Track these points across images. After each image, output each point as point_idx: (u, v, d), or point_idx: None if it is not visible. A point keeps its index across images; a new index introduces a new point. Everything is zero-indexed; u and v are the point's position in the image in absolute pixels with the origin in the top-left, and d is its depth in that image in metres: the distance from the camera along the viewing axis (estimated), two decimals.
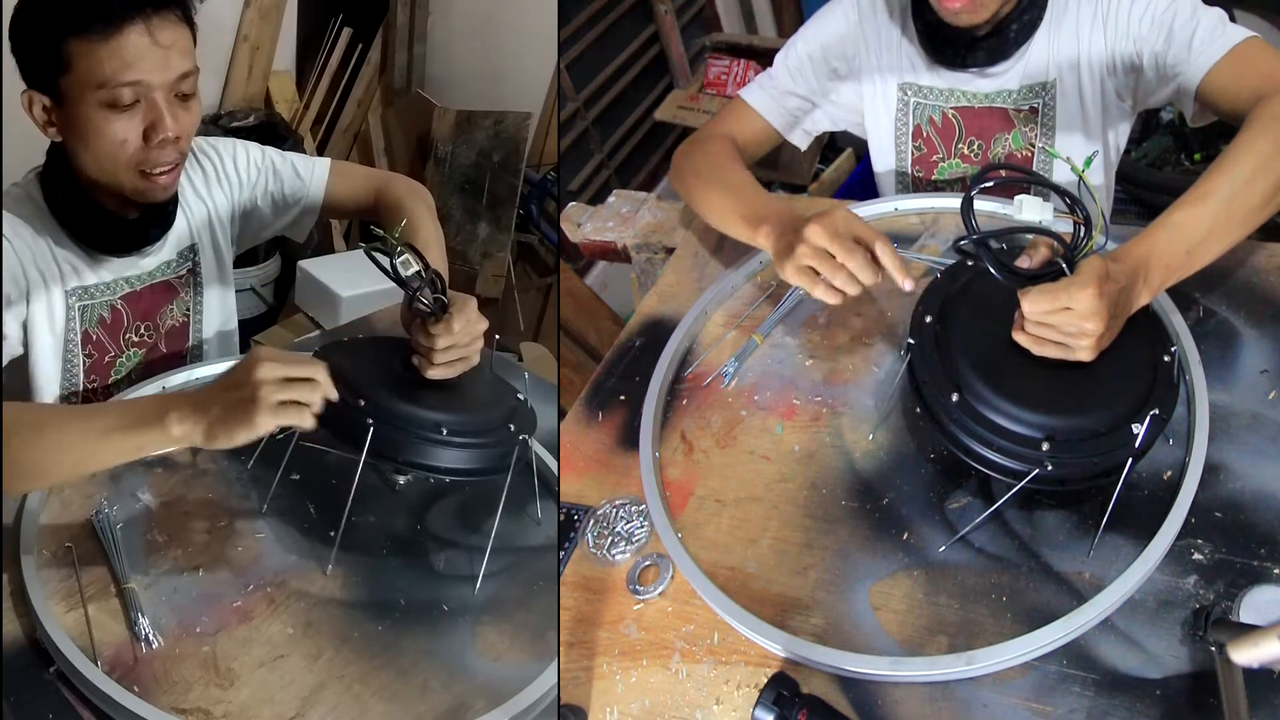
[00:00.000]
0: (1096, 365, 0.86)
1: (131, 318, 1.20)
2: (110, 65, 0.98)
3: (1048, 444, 0.82)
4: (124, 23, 0.98)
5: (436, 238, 1.24)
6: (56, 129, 1.05)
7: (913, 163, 1.37)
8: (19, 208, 1.10)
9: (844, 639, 0.83)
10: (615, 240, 1.50)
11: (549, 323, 2.70)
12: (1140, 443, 0.81)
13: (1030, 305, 0.84)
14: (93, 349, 1.18)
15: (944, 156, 1.35)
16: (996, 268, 0.86)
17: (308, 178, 1.32)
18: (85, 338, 1.17)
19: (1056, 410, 0.84)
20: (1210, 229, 0.91)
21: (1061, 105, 1.25)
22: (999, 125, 1.30)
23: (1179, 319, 0.98)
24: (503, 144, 2.66)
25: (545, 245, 2.73)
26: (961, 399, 0.86)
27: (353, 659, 0.86)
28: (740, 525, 0.95)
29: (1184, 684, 0.75)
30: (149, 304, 1.22)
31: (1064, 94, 1.24)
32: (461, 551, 1.00)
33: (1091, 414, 0.84)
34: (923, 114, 1.33)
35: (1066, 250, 0.86)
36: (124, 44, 0.98)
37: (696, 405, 1.08)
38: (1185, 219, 0.91)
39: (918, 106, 1.32)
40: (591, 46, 2.80)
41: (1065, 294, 0.83)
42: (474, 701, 0.84)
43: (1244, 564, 0.81)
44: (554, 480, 1.09)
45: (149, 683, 0.81)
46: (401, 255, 0.98)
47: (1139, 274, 0.88)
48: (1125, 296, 0.86)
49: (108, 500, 0.98)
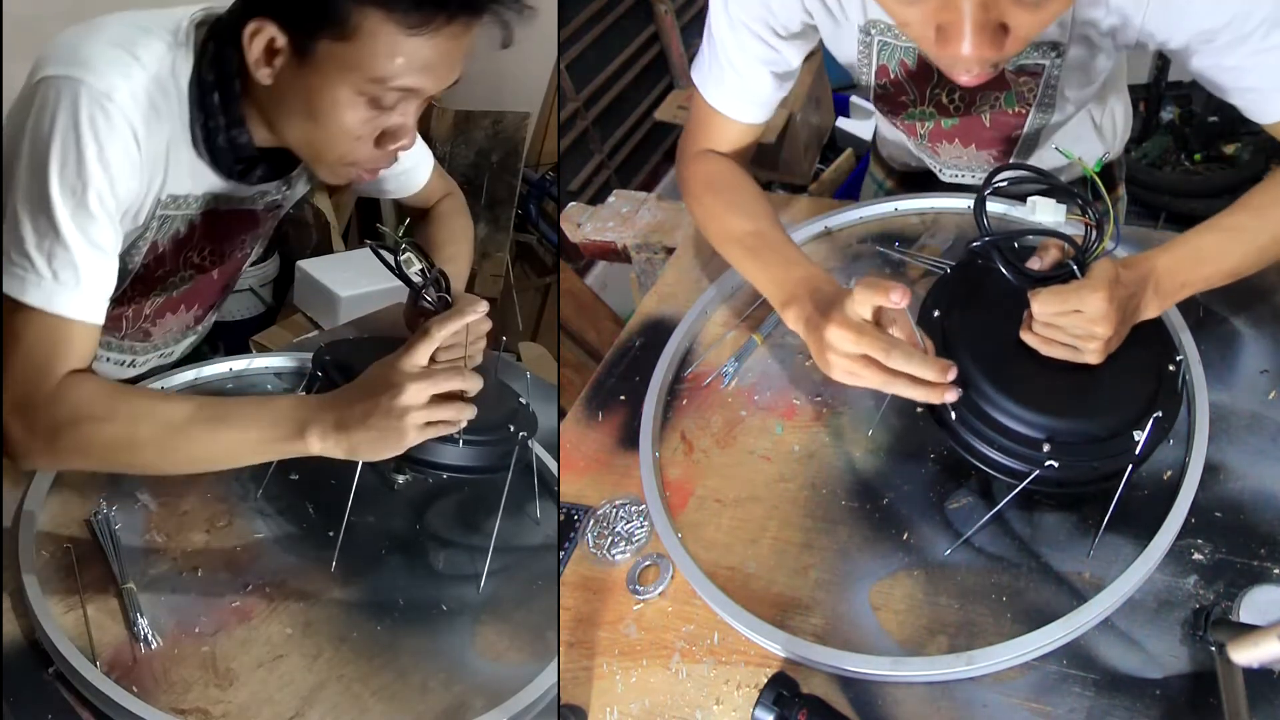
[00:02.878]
0: (1101, 370, 0.86)
1: (202, 238, 1.08)
2: (399, 64, 0.85)
3: (1048, 445, 0.82)
4: (448, 23, 0.84)
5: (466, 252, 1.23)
6: (271, 73, 0.88)
7: (875, 98, 1.21)
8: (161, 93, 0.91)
9: (844, 639, 0.83)
10: (615, 240, 1.50)
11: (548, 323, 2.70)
12: (1141, 449, 0.81)
13: (1040, 306, 0.84)
14: (152, 262, 1.05)
15: (915, 100, 1.17)
16: (1008, 269, 0.86)
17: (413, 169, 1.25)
18: (151, 248, 1.03)
19: (1058, 412, 0.84)
20: (1235, 268, 0.91)
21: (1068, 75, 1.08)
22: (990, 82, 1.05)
23: (1186, 334, 0.98)
24: (501, 144, 2.66)
25: (544, 245, 2.73)
26: (964, 395, 0.86)
27: (352, 659, 0.86)
28: (740, 525, 0.95)
29: (1184, 684, 0.75)
30: (224, 229, 1.09)
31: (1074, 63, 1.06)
32: (461, 551, 1.00)
33: (1094, 417, 0.84)
34: (890, 55, 1.12)
35: (1078, 252, 0.86)
36: (427, 46, 0.84)
37: (696, 405, 1.08)
38: (1212, 247, 0.90)
39: (884, 47, 1.11)
40: (591, 46, 2.79)
41: (1076, 296, 0.82)
42: (473, 701, 0.84)
43: (1244, 564, 0.81)
44: (554, 480, 1.09)
45: (148, 683, 0.81)
46: (405, 254, 0.98)
47: (1150, 284, 0.88)
48: (1134, 303, 0.86)
49: (106, 501, 0.98)
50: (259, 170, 1.01)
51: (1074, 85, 1.10)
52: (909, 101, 1.18)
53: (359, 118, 0.89)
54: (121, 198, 0.90)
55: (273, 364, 1.22)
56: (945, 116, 1.18)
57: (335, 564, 0.95)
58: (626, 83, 2.94)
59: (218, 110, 0.94)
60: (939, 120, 1.20)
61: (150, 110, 0.90)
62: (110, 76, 0.86)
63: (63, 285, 0.85)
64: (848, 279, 1.17)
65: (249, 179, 1.02)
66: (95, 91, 0.85)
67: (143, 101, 0.89)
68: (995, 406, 0.85)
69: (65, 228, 0.85)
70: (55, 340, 0.86)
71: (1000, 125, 1.18)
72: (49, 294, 0.85)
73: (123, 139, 0.87)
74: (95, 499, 0.98)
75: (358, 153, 0.92)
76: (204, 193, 1.02)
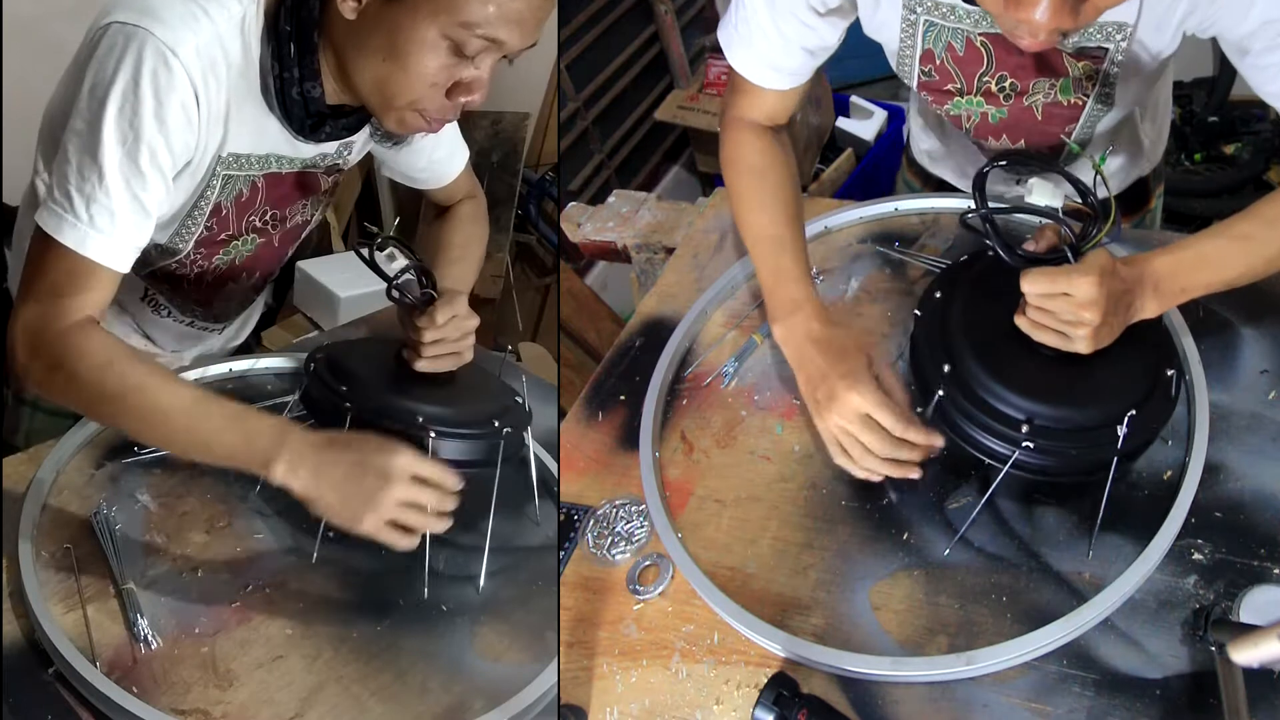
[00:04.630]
0: (1092, 363, 0.86)
1: (264, 200, 1.08)
2: (491, 12, 0.84)
3: (1027, 427, 0.83)
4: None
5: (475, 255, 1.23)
6: (357, 8, 0.87)
7: (920, 87, 1.13)
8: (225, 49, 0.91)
9: (844, 639, 0.83)
10: (615, 240, 1.50)
11: (548, 323, 2.70)
12: (1123, 444, 0.81)
13: (1029, 285, 0.85)
14: (216, 223, 1.06)
15: (963, 89, 1.10)
16: (1000, 246, 0.86)
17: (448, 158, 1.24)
18: (215, 210, 1.04)
19: (1040, 396, 0.85)
20: (1238, 276, 0.90)
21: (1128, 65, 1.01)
22: (1045, 68, 1.04)
23: (1189, 341, 0.97)
24: (501, 144, 2.66)
25: (544, 245, 2.73)
26: (953, 370, 0.87)
27: (351, 659, 0.86)
28: (740, 525, 0.95)
29: (1184, 684, 0.75)
30: (286, 191, 1.09)
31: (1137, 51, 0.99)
32: (460, 551, 1.00)
33: (1075, 406, 0.84)
34: (937, 38, 1.05)
35: (1074, 237, 0.86)
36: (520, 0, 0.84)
37: (696, 405, 1.08)
38: (1217, 254, 0.89)
39: (930, 28, 1.04)
40: (591, 46, 2.79)
41: (1066, 279, 0.83)
42: (473, 701, 0.84)
43: (1244, 564, 0.81)
44: (554, 480, 1.09)
45: (148, 684, 0.81)
46: (386, 249, 0.98)
47: (1149, 283, 0.87)
48: (1129, 299, 0.86)
49: (106, 501, 0.98)
50: (327, 127, 1.01)
51: (1132, 78, 1.05)
52: (956, 90, 1.11)
53: (439, 63, 0.88)
54: (177, 154, 0.91)
55: (273, 365, 1.22)
56: (994, 107, 1.12)
57: (333, 564, 0.95)
58: (626, 83, 2.94)
59: (293, 61, 0.93)
60: (986, 113, 1.13)
61: (214, 66, 0.90)
62: (178, 30, 0.86)
63: (98, 230, 0.88)
64: (848, 279, 1.17)
65: (317, 135, 1.02)
66: (161, 45, 0.85)
67: (206, 57, 0.89)
68: (981, 385, 0.86)
69: (110, 176, 0.87)
70: (79, 279, 0.89)
71: (1053, 118, 1.11)
72: (82, 236, 0.88)
73: (182, 96, 0.88)
74: (95, 499, 0.98)
75: (430, 100, 0.91)
76: (267, 153, 1.02)
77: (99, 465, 1.03)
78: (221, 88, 0.92)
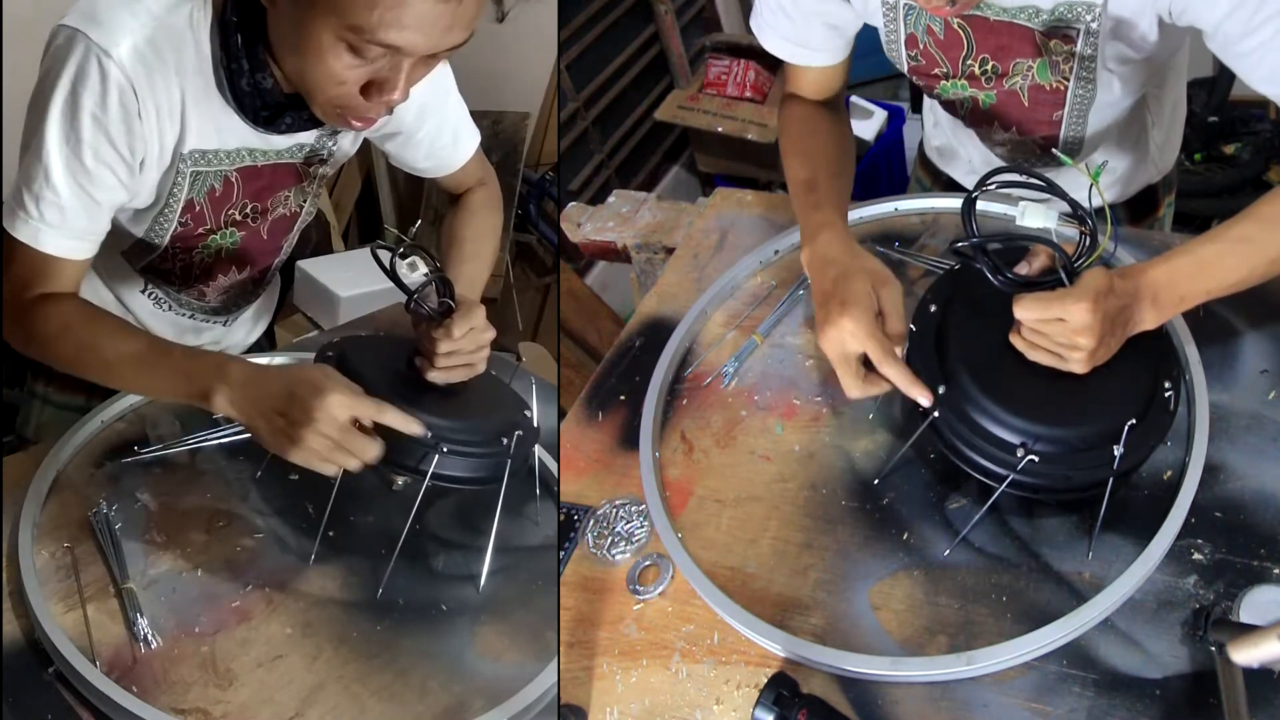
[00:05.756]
0: (1091, 381, 0.85)
1: (241, 194, 1.07)
2: (378, 17, 0.79)
3: (1022, 450, 0.82)
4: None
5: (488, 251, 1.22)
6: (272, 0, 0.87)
7: (910, 71, 1.16)
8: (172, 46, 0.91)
9: (844, 639, 0.83)
10: (615, 240, 1.50)
11: (548, 323, 2.70)
12: (1119, 464, 0.81)
13: (1022, 312, 0.83)
14: (191, 219, 1.06)
15: (948, 72, 1.12)
16: (993, 272, 0.86)
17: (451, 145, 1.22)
18: (187, 206, 1.04)
19: (1036, 418, 0.83)
20: (1240, 281, 0.87)
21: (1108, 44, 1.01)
22: (1021, 48, 1.05)
23: (1193, 349, 0.96)
24: (501, 144, 2.66)
25: (544, 245, 2.73)
26: (948, 391, 0.86)
27: (351, 659, 0.86)
28: (740, 525, 0.95)
29: (1184, 684, 0.75)
30: (265, 184, 1.08)
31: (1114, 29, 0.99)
32: (461, 551, 1.00)
33: (1072, 427, 0.83)
34: (917, 21, 1.08)
35: (1066, 260, 0.84)
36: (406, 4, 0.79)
37: (696, 405, 1.08)
38: (1216, 259, 0.86)
39: (910, 11, 1.07)
40: (591, 46, 2.79)
41: (1059, 305, 0.81)
42: (473, 701, 0.84)
43: (1244, 564, 0.81)
44: (554, 480, 1.09)
45: (148, 683, 0.81)
46: (409, 257, 0.97)
47: (1146, 295, 0.85)
48: (1126, 315, 0.84)
49: (106, 501, 0.98)
50: (286, 118, 1.00)
51: (1113, 62, 1.04)
52: (942, 74, 1.13)
53: (341, 63, 0.85)
54: (124, 149, 0.94)
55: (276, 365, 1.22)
56: (981, 90, 1.13)
57: (332, 564, 0.95)
58: (626, 83, 2.94)
59: (240, 52, 0.93)
60: (976, 98, 1.14)
61: (158, 62, 0.91)
62: (114, 31, 0.89)
63: (49, 226, 0.94)
64: None
65: (276, 126, 1.00)
66: (96, 47, 0.88)
67: (148, 54, 0.90)
68: (976, 406, 0.85)
69: (56, 175, 0.92)
70: (36, 269, 0.97)
71: (1039, 103, 1.11)
72: (35, 232, 0.95)
73: (120, 95, 0.90)
74: (95, 499, 0.98)
75: (345, 99, 0.89)
76: (236, 147, 1.02)
77: (99, 464, 1.03)
78: (171, 84, 0.93)
